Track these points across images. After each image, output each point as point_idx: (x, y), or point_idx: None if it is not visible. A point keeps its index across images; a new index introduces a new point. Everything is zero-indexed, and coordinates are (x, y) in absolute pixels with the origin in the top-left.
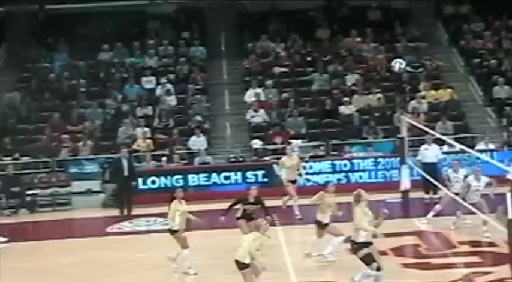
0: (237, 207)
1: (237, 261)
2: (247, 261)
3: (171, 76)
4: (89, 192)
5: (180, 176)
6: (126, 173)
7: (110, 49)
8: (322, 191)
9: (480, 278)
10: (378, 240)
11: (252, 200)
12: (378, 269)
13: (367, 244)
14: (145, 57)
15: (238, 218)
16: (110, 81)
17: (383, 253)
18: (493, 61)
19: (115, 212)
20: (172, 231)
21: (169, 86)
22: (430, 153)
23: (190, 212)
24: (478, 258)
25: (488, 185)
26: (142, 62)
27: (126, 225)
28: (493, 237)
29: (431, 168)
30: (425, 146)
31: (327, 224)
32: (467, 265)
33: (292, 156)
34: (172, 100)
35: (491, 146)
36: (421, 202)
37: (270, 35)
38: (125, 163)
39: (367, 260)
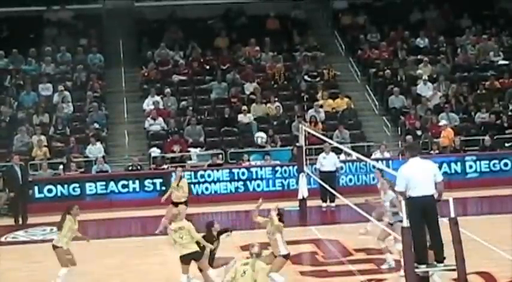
0: None
1: None
2: None
3: (68, 83)
4: None
5: (77, 185)
6: (20, 181)
7: (5, 56)
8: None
9: None
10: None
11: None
12: None
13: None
14: (42, 64)
15: None
16: (5, 88)
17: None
18: (389, 71)
19: (10, 221)
20: (56, 247)
21: (66, 93)
22: (328, 161)
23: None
24: (373, 266)
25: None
26: (39, 69)
27: (21, 235)
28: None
29: (329, 176)
30: (323, 154)
31: None
32: (363, 272)
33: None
34: (69, 108)
35: (387, 155)
36: (319, 210)
37: (168, 43)
38: (18, 171)
39: None
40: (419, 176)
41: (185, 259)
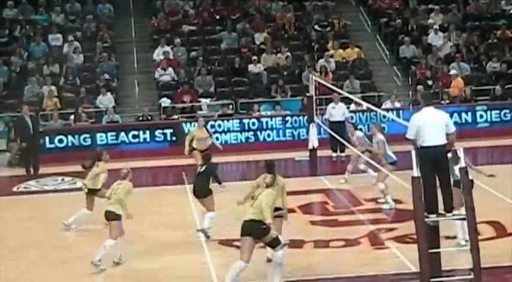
0: None
1: None
2: None
3: (78, 34)
4: None
5: (87, 135)
6: (31, 131)
7: (15, 6)
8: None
9: (385, 234)
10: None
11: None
12: None
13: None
14: (52, 15)
15: None
16: (15, 38)
17: (290, 211)
18: (399, 20)
19: (21, 171)
20: (94, 190)
21: (76, 43)
22: (337, 112)
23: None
24: (383, 215)
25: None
26: (48, 19)
27: (32, 185)
28: (398, 193)
29: (339, 126)
30: (332, 104)
31: None
32: (373, 222)
33: (203, 129)
34: (79, 58)
35: (398, 105)
36: (329, 160)
37: None
38: (28, 121)
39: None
40: (431, 125)
41: None
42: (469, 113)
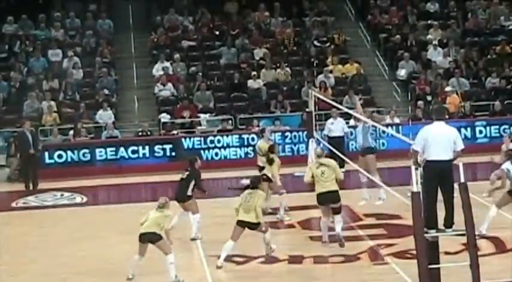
0: None
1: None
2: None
3: (78, 49)
4: None
5: (87, 150)
6: (31, 146)
7: (15, 21)
8: None
9: (385, 250)
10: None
11: None
12: None
13: None
14: (52, 30)
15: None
16: (14, 54)
17: (290, 226)
18: (399, 36)
19: (21, 187)
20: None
21: (76, 59)
22: (336, 127)
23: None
24: (383, 230)
25: None
26: (48, 34)
27: (32, 200)
28: (398, 209)
29: (338, 142)
30: (331, 120)
31: None
32: (372, 237)
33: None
34: (79, 73)
35: (397, 120)
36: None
37: (178, 9)
38: (29, 136)
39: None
40: (439, 140)
41: None
42: (469, 129)
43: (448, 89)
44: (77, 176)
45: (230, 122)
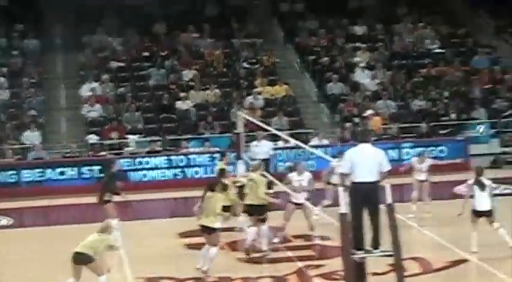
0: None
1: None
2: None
3: (4, 69)
4: None
5: (13, 172)
6: None
7: None
8: None
9: (313, 271)
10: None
11: None
12: None
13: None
14: None
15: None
16: None
17: (221, 248)
18: (327, 58)
19: None
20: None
21: (2, 79)
22: (260, 149)
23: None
24: (311, 252)
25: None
26: None
27: None
28: (326, 230)
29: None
30: (255, 142)
31: None
32: (301, 258)
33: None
34: (5, 94)
35: (325, 142)
36: None
37: (106, 29)
38: None
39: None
40: (366, 162)
41: None
42: (396, 150)
43: (368, 112)
44: (2, 197)
45: (159, 143)
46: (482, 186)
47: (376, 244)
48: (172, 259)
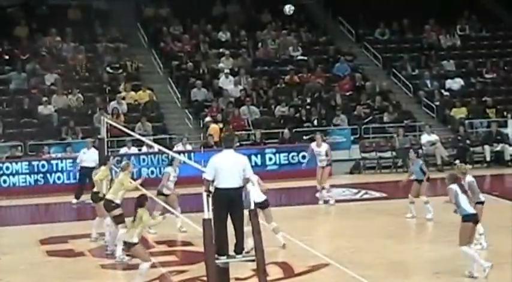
0: None
1: None
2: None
3: None
4: None
5: None
6: None
7: None
8: None
9: (176, 277)
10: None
11: None
12: None
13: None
14: None
15: None
16: None
17: (80, 254)
18: (191, 64)
19: None
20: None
21: None
22: (88, 157)
23: None
24: (175, 257)
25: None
26: None
27: None
28: (189, 235)
29: (87, 172)
30: (84, 150)
31: None
32: (164, 264)
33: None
34: None
35: (189, 147)
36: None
37: None
38: None
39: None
40: (229, 168)
41: None
42: (259, 156)
43: (207, 119)
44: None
45: (20, 148)
46: None
47: (239, 249)
48: (33, 267)
